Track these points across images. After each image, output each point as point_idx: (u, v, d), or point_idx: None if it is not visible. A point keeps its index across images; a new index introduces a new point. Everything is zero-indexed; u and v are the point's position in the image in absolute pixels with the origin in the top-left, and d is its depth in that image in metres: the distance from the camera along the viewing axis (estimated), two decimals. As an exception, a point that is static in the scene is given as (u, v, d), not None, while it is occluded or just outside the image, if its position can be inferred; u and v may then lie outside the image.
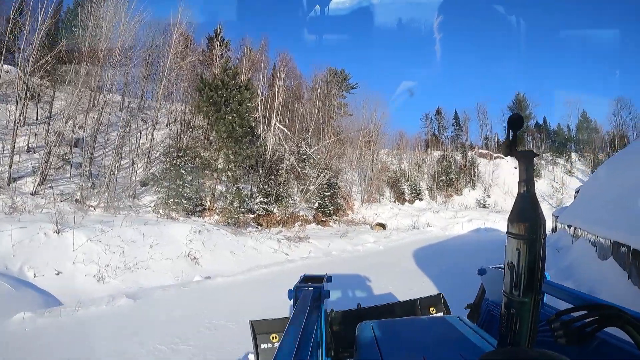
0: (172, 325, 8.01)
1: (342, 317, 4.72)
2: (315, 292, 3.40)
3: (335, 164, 41.34)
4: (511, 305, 1.98)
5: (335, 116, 49.96)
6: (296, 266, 14.90)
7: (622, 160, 13.38)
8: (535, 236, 1.93)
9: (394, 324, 3.60)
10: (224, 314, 8.62)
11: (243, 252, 16.07)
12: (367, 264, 14.90)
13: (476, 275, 4.09)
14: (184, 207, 23.42)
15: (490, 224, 38.28)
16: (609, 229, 9.05)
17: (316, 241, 20.49)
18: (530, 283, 1.92)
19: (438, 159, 60.66)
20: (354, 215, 39.16)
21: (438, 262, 15.43)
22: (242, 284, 12.08)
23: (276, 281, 12.08)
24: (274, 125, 33.95)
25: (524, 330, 1.93)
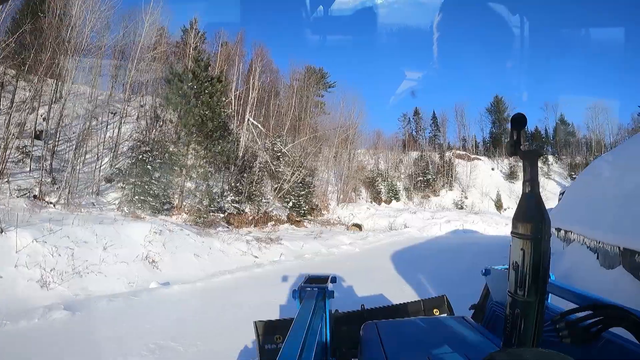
0: (107, 346, 6.75)
1: (346, 317, 4.53)
2: (319, 292, 3.39)
3: (311, 163, 40.33)
4: (516, 306, 1.92)
5: (313, 114, 49.34)
6: (264, 272, 13.76)
7: (620, 160, 12.43)
8: (540, 236, 1.84)
9: (398, 324, 3.60)
10: (170, 334, 7.35)
11: (208, 255, 14.74)
12: (342, 269, 13.66)
13: (460, 281, 4.20)
14: (150, 205, 22.10)
15: (469, 225, 38.64)
16: (616, 234, 8.20)
17: (288, 242, 19.24)
18: (535, 283, 1.84)
19: (415, 160, 60.50)
20: (330, 216, 38.46)
21: (418, 267, 14.30)
22: (201, 293, 10.73)
23: (238, 291, 10.95)
24: (247, 121, 32.66)
25: (528, 330, 1.86)
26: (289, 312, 6.84)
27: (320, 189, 41.74)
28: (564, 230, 14.17)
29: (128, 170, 23.23)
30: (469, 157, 63.61)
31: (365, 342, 3.07)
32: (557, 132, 67.09)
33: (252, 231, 23.72)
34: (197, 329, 7.51)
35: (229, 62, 37.47)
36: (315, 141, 41.36)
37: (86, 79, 28.21)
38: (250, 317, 4.42)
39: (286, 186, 32.29)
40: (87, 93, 27.02)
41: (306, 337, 2.21)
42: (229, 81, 33.76)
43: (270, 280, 12.22)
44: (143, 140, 25.08)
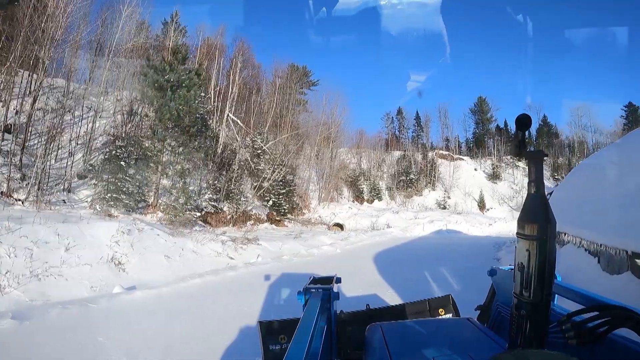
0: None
1: (351, 318, 4.49)
2: (324, 293, 3.43)
3: (293, 161, 39.73)
4: (521, 307, 1.94)
5: (295, 112, 48.88)
6: (237, 275, 12.96)
7: (620, 158, 11.81)
8: (546, 237, 1.87)
9: (403, 325, 3.56)
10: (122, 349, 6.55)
11: (180, 256, 13.85)
12: (320, 271, 13.02)
13: (449, 288, 4.46)
14: (123, 203, 21.21)
15: (452, 226, 38.20)
16: (622, 237, 7.73)
17: (267, 243, 18.49)
18: (540, 284, 1.87)
19: (398, 159, 60.16)
20: (311, 215, 37.96)
21: (402, 270, 13.53)
22: (166, 301, 9.83)
23: (207, 299, 10.09)
24: (226, 116, 31.80)
25: (534, 331, 1.89)
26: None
27: (302, 187, 41.13)
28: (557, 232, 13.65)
29: (101, 167, 22.25)
30: (452, 157, 63.50)
31: (370, 343, 3.06)
32: (539, 133, 67.51)
33: (230, 231, 22.91)
34: (151, 349, 6.72)
35: (210, 57, 36.52)
36: (297, 139, 40.75)
37: (61, 71, 27.25)
38: (216, 337, 4.34)
39: (266, 184, 31.55)
40: (62, 86, 26.13)
41: (312, 338, 2.15)
42: (209, 75, 32.91)
43: (243, 286, 11.52)
44: (117, 135, 24.13)
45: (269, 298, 9.92)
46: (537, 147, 64.25)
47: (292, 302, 8.49)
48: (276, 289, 10.75)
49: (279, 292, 10.45)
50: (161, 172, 24.37)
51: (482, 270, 4.23)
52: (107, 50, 28.75)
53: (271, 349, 4.12)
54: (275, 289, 10.77)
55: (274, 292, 10.55)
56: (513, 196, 56.18)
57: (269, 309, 8.80)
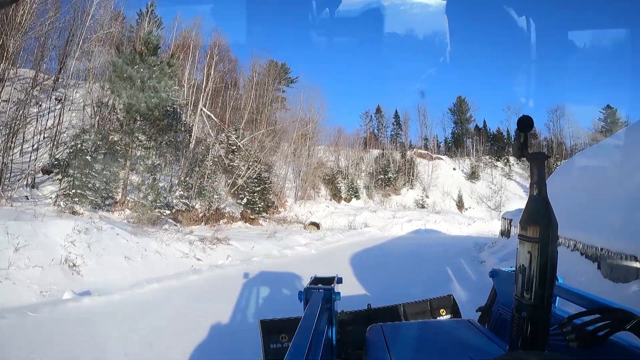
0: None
1: (352, 318, 4.54)
2: (325, 293, 3.40)
3: (269, 158, 39.17)
4: (522, 309, 1.92)
5: (273, 109, 48.23)
6: (200, 280, 11.92)
7: (620, 156, 11.11)
8: (548, 239, 1.85)
9: (404, 327, 3.59)
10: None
11: (142, 258, 12.78)
12: (292, 276, 12.05)
13: (431, 294, 4.42)
14: (89, 199, 20.23)
15: (431, 225, 37.78)
16: (630, 242, 7.10)
17: (238, 243, 17.45)
18: (541, 286, 1.85)
19: (376, 158, 59.85)
20: (287, 213, 37.36)
21: (381, 275, 12.68)
22: (115, 310, 8.63)
23: (162, 308, 9.01)
24: (200, 110, 30.80)
25: (535, 334, 1.87)
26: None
27: (278, 185, 40.65)
28: None
29: (67, 162, 21.23)
30: (430, 156, 63.52)
31: (370, 344, 3.02)
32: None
33: (202, 229, 22.12)
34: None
35: (186, 51, 35.43)
36: (273, 135, 40.11)
37: (29, 60, 26.47)
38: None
39: (240, 181, 30.82)
40: (30, 76, 25.22)
41: (312, 338, 2.17)
42: (183, 68, 31.92)
43: (205, 292, 10.58)
44: (84, 128, 23.10)
45: (228, 313, 8.71)
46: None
47: (255, 319, 7.62)
48: (240, 300, 9.73)
49: (243, 304, 9.42)
50: (129, 167, 23.39)
51: (466, 273, 3.79)
52: (77, 39, 27.64)
53: (272, 347, 4.18)
54: (238, 300, 9.74)
55: (237, 303, 9.48)
56: (491, 196, 56.31)
57: (222, 334, 7.49)
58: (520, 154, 2.02)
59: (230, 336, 7.20)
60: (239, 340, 6.69)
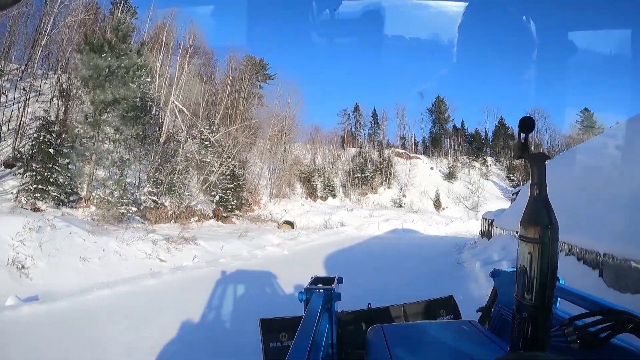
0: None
1: (352, 318, 4.46)
2: (326, 293, 3.40)
3: (244, 155, 38.34)
4: (523, 309, 1.87)
5: (250, 106, 47.61)
6: (157, 285, 10.69)
7: (620, 153, 10.42)
8: (548, 239, 1.81)
9: (404, 328, 3.56)
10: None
11: (100, 259, 11.82)
12: (261, 281, 11.20)
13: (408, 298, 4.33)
14: (52, 195, 19.28)
15: (408, 225, 37.40)
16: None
17: (206, 242, 16.62)
18: (542, 287, 1.81)
19: (354, 156, 59.95)
20: (261, 212, 36.67)
21: (357, 279, 11.47)
22: (49, 322, 7.39)
23: (103, 321, 7.75)
24: (171, 103, 29.82)
25: (535, 334, 1.82)
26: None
27: (253, 182, 39.94)
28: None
29: (29, 155, 20.24)
30: (408, 155, 63.72)
31: (371, 345, 2.96)
32: (496, 135, 68.77)
33: (171, 228, 21.17)
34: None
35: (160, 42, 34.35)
36: (249, 131, 39.28)
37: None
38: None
39: (213, 178, 29.93)
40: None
41: (313, 338, 2.15)
42: (155, 59, 30.95)
43: (159, 302, 9.33)
44: (48, 120, 22.04)
45: (175, 328, 7.34)
46: (494, 148, 66.93)
47: (207, 342, 6.77)
48: (195, 312, 8.32)
49: (197, 319, 8.05)
50: (95, 161, 22.37)
51: (446, 277, 4.84)
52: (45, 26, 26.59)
53: (272, 346, 4.12)
54: (193, 311, 8.30)
55: (191, 316, 8.01)
56: (469, 196, 56.82)
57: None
58: (520, 155, 1.94)
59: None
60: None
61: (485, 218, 23.07)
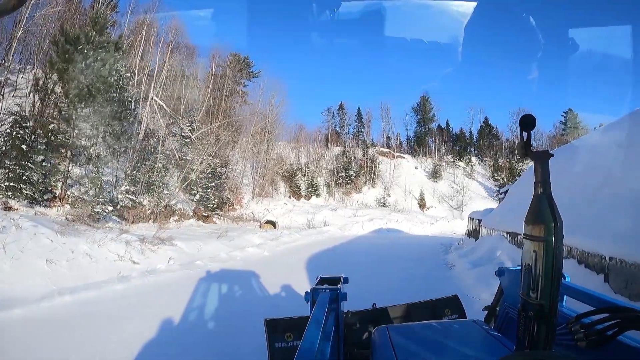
0: None
1: (358, 318, 4.36)
2: (332, 293, 3.38)
3: (226, 152, 37.82)
4: (528, 308, 1.87)
5: (233, 104, 47.09)
6: (125, 290, 9.74)
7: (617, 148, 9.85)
8: (553, 238, 1.81)
9: (409, 328, 3.29)
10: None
11: (68, 261, 11.06)
12: (235, 287, 10.51)
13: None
14: (24, 194, 18.65)
15: (393, 224, 37.18)
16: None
17: (183, 243, 15.73)
18: (547, 285, 1.82)
19: (338, 155, 59.79)
20: (243, 211, 36.20)
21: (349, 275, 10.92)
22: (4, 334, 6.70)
23: (56, 335, 6.69)
24: (151, 99, 29.13)
25: (541, 333, 1.83)
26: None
27: (235, 181, 39.45)
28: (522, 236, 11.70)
29: (2, 152, 19.55)
30: (392, 155, 63.67)
31: (376, 346, 2.87)
32: (481, 135, 69.30)
33: (149, 227, 20.39)
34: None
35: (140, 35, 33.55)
36: (231, 129, 38.75)
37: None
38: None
39: (193, 176, 29.27)
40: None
41: (320, 338, 2.16)
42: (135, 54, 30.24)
43: (122, 311, 8.15)
44: (22, 115, 21.29)
45: (135, 348, 6.23)
46: (479, 148, 67.39)
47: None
48: (158, 324, 7.36)
49: (160, 332, 7.08)
50: (70, 158, 21.67)
51: (435, 281, 4.65)
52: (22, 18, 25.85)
53: (277, 346, 4.06)
54: (156, 324, 7.33)
55: (152, 330, 7.06)
56: (453, 195, 56.91)
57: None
58: (524, 153, 1.93)
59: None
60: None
61: (472, 218, 22.68)
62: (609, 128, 11.69)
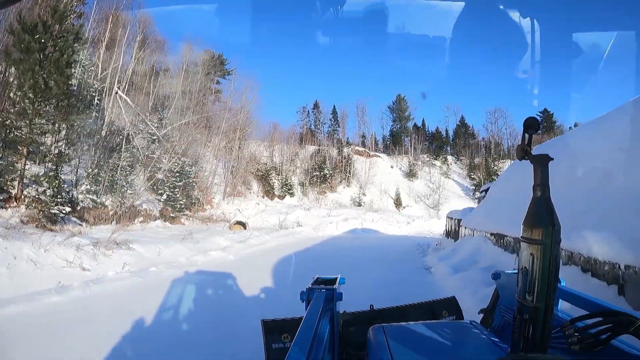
0: None
1: (354, 318, 4.29)
2: (327, 293, 3.38)
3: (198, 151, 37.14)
4: (524, 311, 1.87)
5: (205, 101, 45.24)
6: (59, 304, 8.17)
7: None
8: (550, 241, 1.79)
9: (405, 328, 3.29)
10: None
11: (9, 268, 9.86)
12: (188, 301, 9.19)
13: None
14: (-24, 195, 17.60)
15: (368, 224, 36.41)
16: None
17: (143, 247, 14.55)
18: (544, 288, 1.81)
19: (312, 154, 59.67)
20: (213, 211, 34.97)
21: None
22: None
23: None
24: (115, 94, 27.90)
25: (536, 336, 1.82)
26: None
27: (206, 180, 38.52)
28: (512, 238, 10.78)
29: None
30: (368, 153, 63.67)
31: (372, 345, 2.87)
32: (457, 134, 69.95)
33: (111, 229, 19.22)
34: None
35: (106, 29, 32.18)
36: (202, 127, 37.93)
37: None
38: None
39: (160, 175, 28.18)
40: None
41: (314, 337, 2.18)
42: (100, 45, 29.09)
43: (52, 330, 6.81)
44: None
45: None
46: (455, 147, 68.12)
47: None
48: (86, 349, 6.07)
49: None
50: (26, 156, 20.43)
51: (412, 287, 5.13)
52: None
53: (274, 347, 4.13)
54: (82, 349, 6.08)
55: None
56: (430, 194, 56.98)
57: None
58: (523, 155, 1.91)
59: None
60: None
61: (450, 217, 21.99)
62: (609, 116, 10.73)
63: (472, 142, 67.59)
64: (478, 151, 65.62)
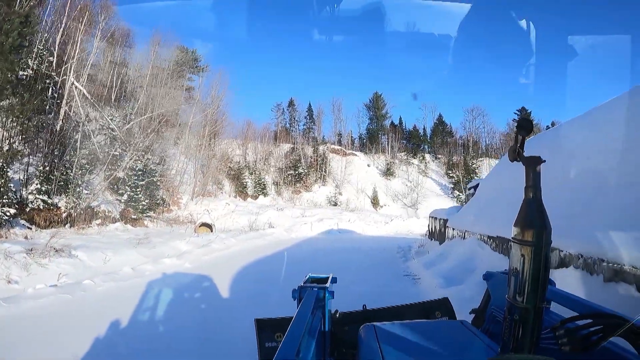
0: None
1: (346, 318, 4.36)
2: (319, 292, 3.46)
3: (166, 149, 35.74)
4: (514, 311, 1.97)
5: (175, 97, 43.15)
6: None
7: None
8: (541, 243, 1.89)
9: (397, 327, 3.35)
10: None
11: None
12: (116, 328, 7.07)
13: None
14: None
15: (345, 225, 35.26)
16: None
17: (88, 254, 12.60)
18: (534, 289, 1.90)
19: (287, 152, 59.25)
20: (180, 212, 33.35)
21: (275, 308, 6.82)
22: None
23: None
24: (71, 85, 25.96)
25: (526, 337, 1.91)
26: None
27: (174, 180, 36.88)
28: (500, 240, 9.70)
29: None
30: (344, 152, 63.30)
31: (363, 343, 2.93)
32: (434, 132, 69.79)
33: (66, 233, 17.34)
34: None
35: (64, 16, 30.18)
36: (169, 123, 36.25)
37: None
38: None
39: (121, 174, 26.38)
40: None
41: (304, 336, 2.22)
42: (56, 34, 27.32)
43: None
44: None
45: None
46: (432, 145, 68.27)
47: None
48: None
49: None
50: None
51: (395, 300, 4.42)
52: None
53: (267, 346, 4.17)
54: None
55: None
56: (407, 193, 56.58)
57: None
58: (515, 157, 2.00)
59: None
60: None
61: (434, 217, 20.48)
62: (610, 105, 9.40)
63: (450, 141, 67.31)
64: (456, 149, 65.50)
